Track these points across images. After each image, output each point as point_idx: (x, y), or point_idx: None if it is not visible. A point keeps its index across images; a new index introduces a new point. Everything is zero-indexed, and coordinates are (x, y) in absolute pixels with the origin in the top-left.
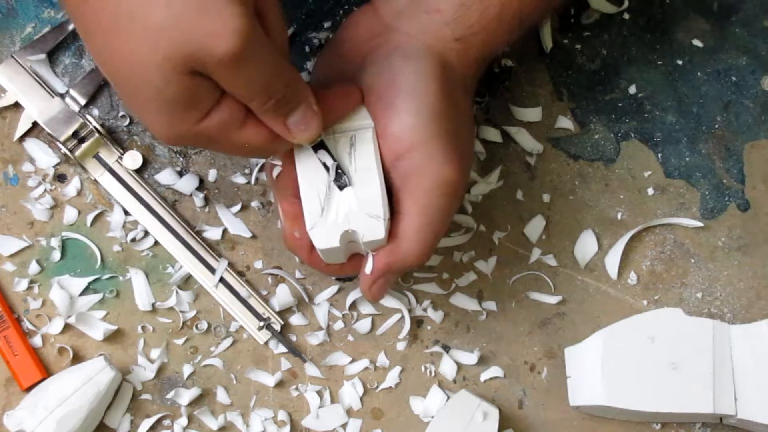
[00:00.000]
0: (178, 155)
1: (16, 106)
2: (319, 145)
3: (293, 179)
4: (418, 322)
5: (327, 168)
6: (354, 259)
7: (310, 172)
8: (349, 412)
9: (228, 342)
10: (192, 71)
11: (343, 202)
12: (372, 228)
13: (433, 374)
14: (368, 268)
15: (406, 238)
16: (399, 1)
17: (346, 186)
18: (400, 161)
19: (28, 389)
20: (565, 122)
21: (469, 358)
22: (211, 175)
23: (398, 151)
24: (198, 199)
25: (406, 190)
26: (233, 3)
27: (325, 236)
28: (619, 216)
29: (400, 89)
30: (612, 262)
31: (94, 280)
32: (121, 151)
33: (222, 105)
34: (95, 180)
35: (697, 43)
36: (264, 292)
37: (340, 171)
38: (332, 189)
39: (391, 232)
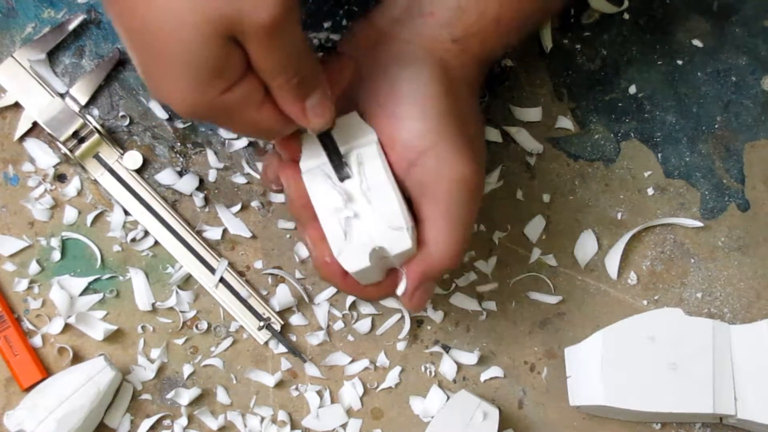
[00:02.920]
0: (178, 155)
1: (16, 106)
2: (325, 133)
3: (309, 205)
4: (418, 322)
5: (330, 158)
6: (392, 275)
7: (324, 197)
8: (349, 412)
9: (228, 342)
10: (228, 37)
11: (364, 220)
12: (398, 240)
13: (433, 374)
14: (401, 289)
15: (435, 243)
16: (394, 9)
17: (348, 177)
18: (414, 168)
19: (28, 389)
20: (565, 122)
21: (469, 358)
22: (211, 175)
23: (410, 159)
24: (198, 199)
25: (425, 196)
26: None
27: (353, 259)
28: (619, 216)
29: (402, 97)
30: (612, 262)
31: (94, 280)
32: (121, 151)
33: (246, 80)
34: (95, 180)
35: (697, 43)
36: (264, 292)
37: (344, 162)
38: (351, 210)
39: (419, 239)
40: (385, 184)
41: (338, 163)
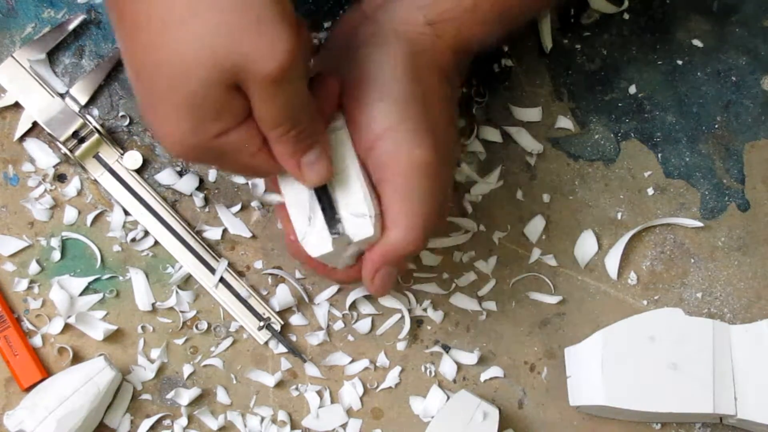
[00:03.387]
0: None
1: (16, 106)
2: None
3: (278, 185)
4: (418, 322)
5: (323, 210)
6: (361, 261)
7: (292, 183)
8: (349, 412)
9: (228, 342)
10: (232, 84)
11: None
12: (360, 226)
13: (433, 374)
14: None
15: (394, 225)
16: None
17: (338, 233)
18: (373, 151)
19: (28, 389)
20: (565, 122)
21: (469, 358)
22: (211, 175)
23: (370, 141)
24: (198, 199)
25: (384, 179)
26: (286, 23)
27: (317, 244)
28: (619, 216)
29: (366, 79)
30: (612, 262)
31: (94, 280)
32: (121, 151)
33: (243, 126)
34: (95, 180)
35: (697, 43)
36: (264, 292)
37: (337, 218)
38: (314, 197)
39: (381, 223)
40: (350, 171)
41: (331, 217)
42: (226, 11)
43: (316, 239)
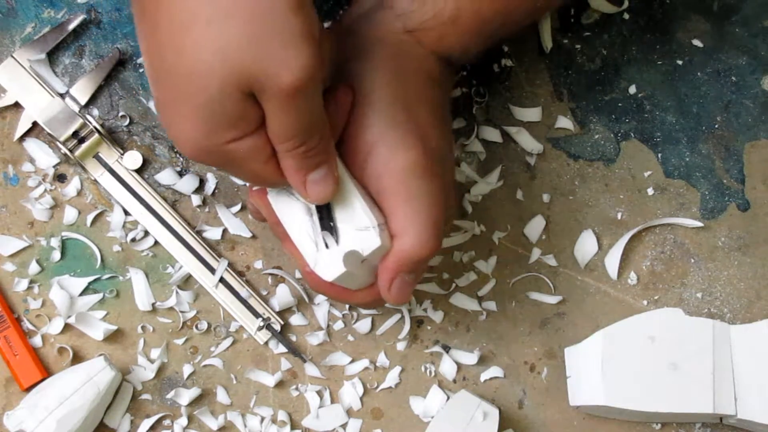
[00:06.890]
0: (178, 155)
1: (16, 106)
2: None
3: (281, 223)
4: (418, 322)
5: (323, 225)
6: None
7: (290, 214)
8: (349, 412)
9: (228, 342)
10: (249, 92)
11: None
12: (367, 240)
13: (433, 374)
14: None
15: (403, 231)
16: (361, 7)
17: (333, 230)
18: (368, 162)
19: (28, 389)
20: (565, 122)
21: (469, 358)
22: (211, 175)
23: (363, 153)
24: (198, 199)
25: (382, 188)
26: (308, 37)
27: (330, 267)
28: (619, 216)
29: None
30: (612, 262)
31: (94, 280)
32: (121, 151)
33: (256, 135)
34: (95, 180)
35: (697, 43)
36: (264, 292)
37: (325, 219)
38: (317, 222)
39: (390, 232)
40: (344, 186)
41: (329, 229)
42: (249, 21)
43: (327, 263)
